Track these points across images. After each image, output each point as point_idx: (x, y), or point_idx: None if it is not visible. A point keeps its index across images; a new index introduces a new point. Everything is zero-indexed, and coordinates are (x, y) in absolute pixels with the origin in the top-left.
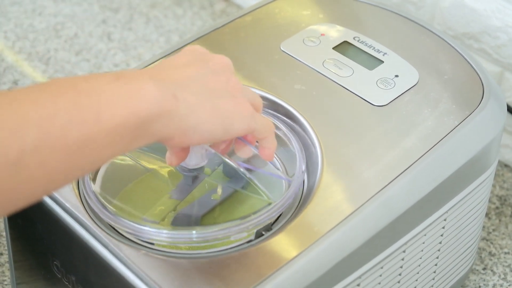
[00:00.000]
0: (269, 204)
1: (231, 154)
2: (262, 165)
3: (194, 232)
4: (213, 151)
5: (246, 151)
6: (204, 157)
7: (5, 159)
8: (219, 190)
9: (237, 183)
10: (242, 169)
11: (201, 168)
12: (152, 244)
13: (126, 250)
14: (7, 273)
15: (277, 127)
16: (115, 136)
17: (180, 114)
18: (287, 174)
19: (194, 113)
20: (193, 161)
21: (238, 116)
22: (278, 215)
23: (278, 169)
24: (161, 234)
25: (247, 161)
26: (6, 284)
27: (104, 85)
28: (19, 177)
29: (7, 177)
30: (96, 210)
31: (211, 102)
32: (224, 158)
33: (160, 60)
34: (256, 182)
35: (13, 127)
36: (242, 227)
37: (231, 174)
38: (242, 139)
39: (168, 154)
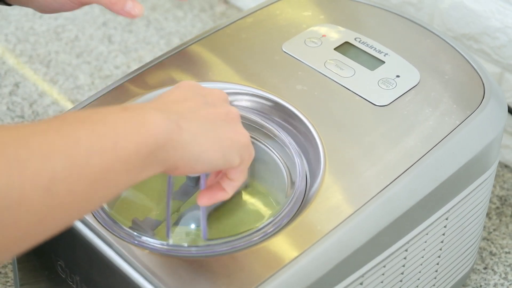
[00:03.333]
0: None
1: None
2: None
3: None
4: None
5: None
6: None
7: (37, 187)
8: None
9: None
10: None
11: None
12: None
13: (130, 250)
14: (10, 274)
15: (279, 132)
16: (129, 164)
17: (184, 143)
18: (291, 179)
19: (196, 142)
20: None
21: (238, 146)
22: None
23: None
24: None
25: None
26: (9, 286)
27: (114, 115)
28: (51, 205)
29: (39, 205)
30: (99, 211)
31: (212, 131)
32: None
33: (157, 95)
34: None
35: (43, 155)
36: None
37: None
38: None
39: None
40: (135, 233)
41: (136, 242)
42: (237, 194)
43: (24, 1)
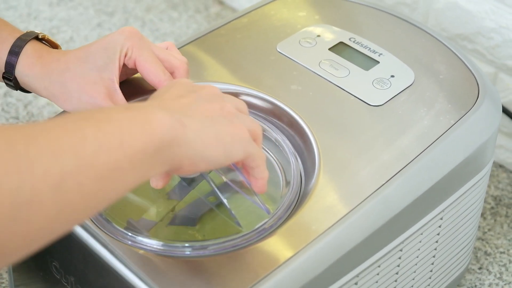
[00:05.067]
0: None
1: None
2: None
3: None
4: None
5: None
6: None
7: (48, 185)
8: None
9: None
10: (221, 196)
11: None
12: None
13: (125, 250)
14: (5, 275)
15: (271, 131)
16: (136, 162)
17: (188, 140)
18: (285, 178)
19: (199, 139)
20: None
21: (237, 139)
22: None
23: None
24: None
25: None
26: (4, 286)
27: (118, 114)
28: (61, 203)
29: (50, 203)
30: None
31: (212, 128)
32: (207, 179)
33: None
34: (230, 207)
35: (52, 153)
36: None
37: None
38: (237, 170)
39: (153, 178)
40: (130, 234)
41: (130, 242)
42: (232, 195)
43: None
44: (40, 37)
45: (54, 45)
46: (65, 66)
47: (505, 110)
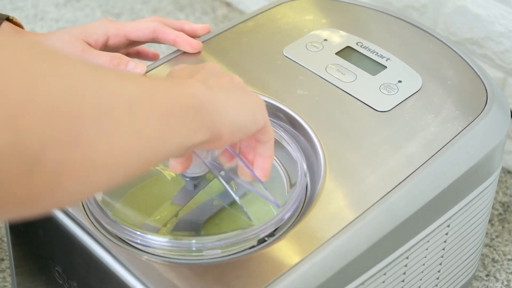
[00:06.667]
0: (275, 211)
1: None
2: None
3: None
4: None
5: (246, 174)
6: (202, 166)
7: (122, 101)
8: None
9: (225, 200)
10: (232, 193)
11: (203, 175)
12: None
13: (128, 256)
14: (8, 279)
15: (276, 133)
16: (186, 112)
17: (220, 108)
18: (289, 180)
19: (230, 107)
20: (193, 169)
21: (258, 106)
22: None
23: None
24: (161, 243)
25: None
26: None
27: (158, 78)
28: (132, 125)
29: (124, 119)
30: (97, 215)
31: (234, 97)
32: (219, 178)
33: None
34: (242, 204)
35: (119, 79)
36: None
37: (228, 183)
38: (241, 160)
39: (172, 162)
40: (133, 239)
41: (134, 247)
42: (235, 202)
43: None
44: (10, 18)
45: (22, 28)
46: (43, 37)
47: None
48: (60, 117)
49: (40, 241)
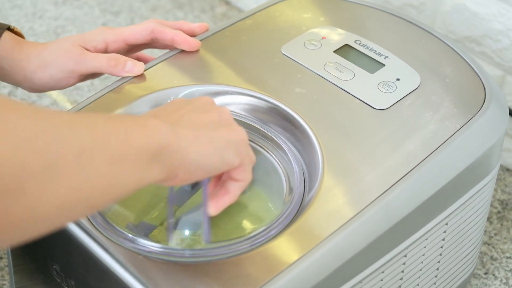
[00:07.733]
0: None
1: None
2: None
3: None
4: None
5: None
6: None
7: (70, 152)
8: None
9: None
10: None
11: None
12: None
13: (125, 254)
14: (7, 277)
15: (273, 135)
16: (140, 156)
17: (182, 148)
18: (289, 184)
19: (193, 148)
20: None
21: (233, 143)
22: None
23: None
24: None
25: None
26: None
27: (118, 117)
28: (80, 175)
29: (72, 171)
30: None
31: (206, 135)
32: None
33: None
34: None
35: (71, 126)
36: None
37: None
38: (205, 187)
39: None
40: (130, 238)
41: (131, 246)
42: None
43: (18, 81)
44: (11, 28)
45: (22, 38)
46: (42, 47)
47: None
48: (5, 169)
49: (38, 239)
